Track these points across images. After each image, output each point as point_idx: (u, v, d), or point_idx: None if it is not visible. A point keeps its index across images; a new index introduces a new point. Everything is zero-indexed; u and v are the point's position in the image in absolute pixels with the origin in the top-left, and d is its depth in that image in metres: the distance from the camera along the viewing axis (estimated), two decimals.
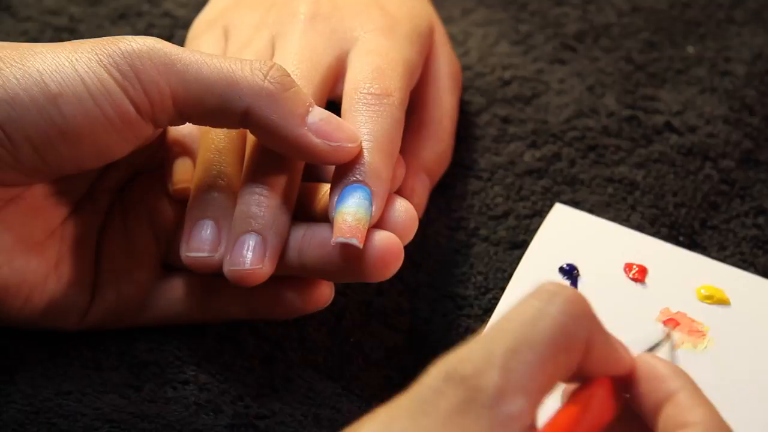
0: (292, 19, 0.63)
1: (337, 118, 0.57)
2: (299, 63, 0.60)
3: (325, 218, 0.57)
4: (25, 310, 0.58)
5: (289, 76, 0.56)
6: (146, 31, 0.76)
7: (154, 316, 0.60)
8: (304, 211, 0.58)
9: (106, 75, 0.54)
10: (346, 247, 0.55)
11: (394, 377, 0.63)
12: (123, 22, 0.77)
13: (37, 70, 0.53)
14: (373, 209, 0.56)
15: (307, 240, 0.56)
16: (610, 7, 0.78)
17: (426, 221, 0.67)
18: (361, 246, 0.55)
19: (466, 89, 0.73)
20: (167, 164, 0.61)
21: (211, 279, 0.59)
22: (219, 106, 0.55)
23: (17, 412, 0.59)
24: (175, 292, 0.60)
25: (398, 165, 0.60)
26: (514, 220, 0.68)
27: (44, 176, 0.56)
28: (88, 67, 0.54)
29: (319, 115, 0.56)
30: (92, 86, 0.54)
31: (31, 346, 0.61)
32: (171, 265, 0.61)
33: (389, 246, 0.55)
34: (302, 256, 0.56)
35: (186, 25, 0.70)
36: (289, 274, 0.57)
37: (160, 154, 0.62)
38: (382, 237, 0.56)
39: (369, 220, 0.55)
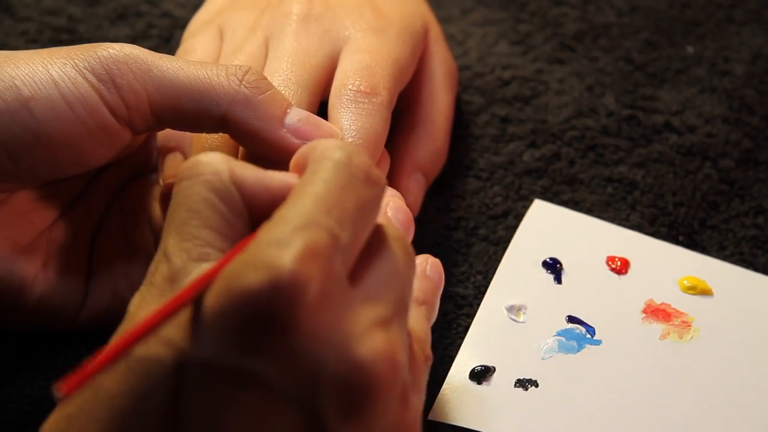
0: (284, 20, 0.62)
1: (316, 117, 0.56)
2: (292, 65, 0.60)
3: None
4: (14, 310, 0.58)
5: (265, 78, 0.56)
6: (145, 32, 0.76)
7: None
8: None
9: (80, 79, 0.54)
10: None
11: None
12: (122, 22, 0.77)
13: (10, 75, 0.53)
14: None
15: None
16: (609, 7, 0.78)
17: (425, 221, 0.67)
18: None
19: (465, 89, 0.73)
20: (159, 160, 0.61)
21: None
22: (196, 111, 0.55)
23: (16, 411, 0.59)
24: None
25: (383, 159, 0.60)
26: (513, 219, 0.68)
27: (23, 183, 0.56)
28: (63, 72, 0.54)
29: (297, 115, 0.56)
30: (66, 90, 0.53)
31: (29, 346, 0.61)
32: None
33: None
34: None
35: (185, 25, 0.70)
36: None
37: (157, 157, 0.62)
38: None
39: None
